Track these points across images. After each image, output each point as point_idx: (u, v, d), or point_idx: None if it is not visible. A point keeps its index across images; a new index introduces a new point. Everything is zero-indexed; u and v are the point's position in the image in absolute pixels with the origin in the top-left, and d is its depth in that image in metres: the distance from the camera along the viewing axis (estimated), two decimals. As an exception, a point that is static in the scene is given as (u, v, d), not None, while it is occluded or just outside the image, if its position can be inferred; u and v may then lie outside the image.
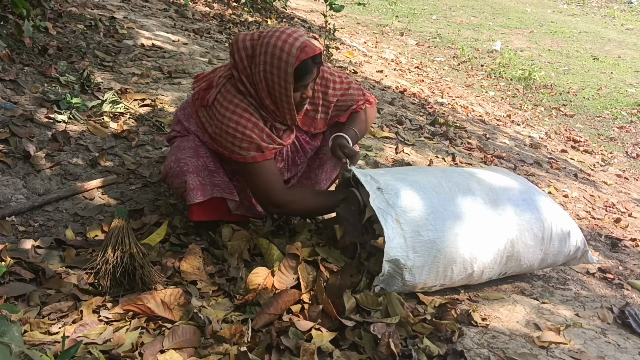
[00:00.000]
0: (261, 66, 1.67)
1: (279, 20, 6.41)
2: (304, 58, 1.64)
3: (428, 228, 1.68)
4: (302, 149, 2.02)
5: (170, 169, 1.86)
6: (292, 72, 1.64)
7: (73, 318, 1.48)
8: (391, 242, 1.64)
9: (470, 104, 5.68)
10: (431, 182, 1.80)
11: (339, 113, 1.98)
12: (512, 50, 9.11)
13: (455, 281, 1.78)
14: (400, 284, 1.69)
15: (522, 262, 1.86)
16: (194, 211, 1.85)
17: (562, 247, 1.91)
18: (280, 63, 1.64)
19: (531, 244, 1.84)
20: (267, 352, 1.39)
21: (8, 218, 1.89)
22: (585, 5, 13.68)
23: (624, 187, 4.04)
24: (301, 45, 1.64)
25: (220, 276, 1.75)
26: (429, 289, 1.76)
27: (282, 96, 1.70)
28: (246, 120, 1.73)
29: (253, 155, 1.75)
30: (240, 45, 1.72)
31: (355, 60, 5.82)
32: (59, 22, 3.54)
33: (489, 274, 1.83)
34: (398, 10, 11.36)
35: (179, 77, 3.38)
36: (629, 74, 8.34)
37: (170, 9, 5.05)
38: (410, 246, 1.66)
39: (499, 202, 1.83)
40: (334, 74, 1.93)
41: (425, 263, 1.68)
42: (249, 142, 1.73)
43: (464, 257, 1.73)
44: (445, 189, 1.79)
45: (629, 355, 1.62)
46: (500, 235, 1.78)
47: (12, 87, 2.59)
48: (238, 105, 1.74)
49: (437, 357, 1.44)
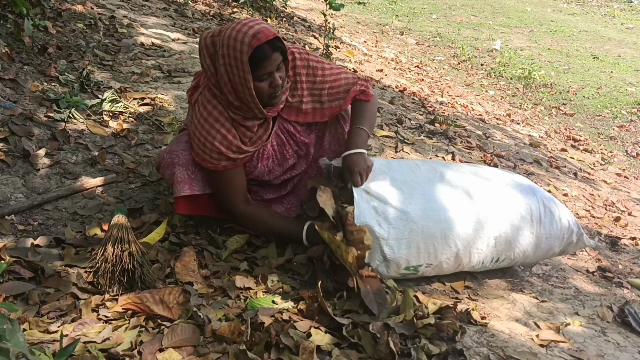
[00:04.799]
0: (221, 60, 1.67)
1: (279, 19, 6.41)
2: (257, 44, 1.60)
3: (400, 200, 1.72)
4: (289, 141, 1.94)
5: (162, 159, 1.89)
6: (247, 61, 1.62)
7: (72, 317, 1.48)
8: (360, 208, 1.68)
9: (470, 103, 5.68)
10: (408, 164, 1.89)
11: (339, 102, 1.89)
12: (512, 49, 9.11)
13: (442, 262, 1.76)
14: (380, 258, 1.69)
15: (514, 246, 1.85)
16: (180, 204, 1.86)
17: (554, 228, 1.89)
18: (235, 53, 1.62)
19: (519, 225, 1.83)
20: (267, 351, 1.39)
21: (7, 217, 1.88)
22: (585, 5, 13.67)
23: (624, 186, 4.04)
24: (254, 33, 1.61)
25: (216, 278, 1.75)
26: (416, 271, 1.75)
27: (243, 88, 1.67)
28: (216, 131, 1.73)
29: (224, 165, 1.77)
30: (203, 44, 1.71)
31: (355, 59, 5.81)
32: (58, 21, 3.53)
33: (479, 257, 1.81)
34: (398, 9, 11.35)
35: (179, 76, 3.38)
36: (629, 73, 8.34)
37: (170, 7, 5.05)
38: (382, 216, 1.69)
39: (479, 185, 1.87)
40: (321, 61, 1.87)
41: (401, 235, 1.69)
42: (218, 153, 1.74)
43: (445, 233, 1.73)
44: (422, 170, 1.86)
45: (628, 354, 1.62)
46: (483, 214, 1.79)
47: (11, 86, 2.59)
48: (210, 114, 1.74)
49: (436, 356, 1.44)
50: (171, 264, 1.74)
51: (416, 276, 1.81)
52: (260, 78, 1.67)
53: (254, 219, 1.89)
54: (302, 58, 1.84)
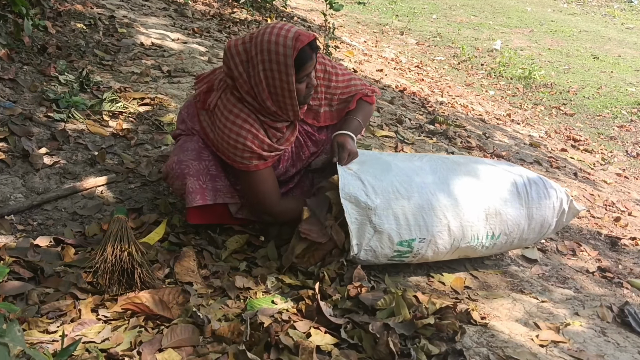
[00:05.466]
0: (260, 66, 1.66)
1: (279, 19, 6.41)
2: (301, 46, 1.63)
3: (385, 174, 1.78)
4: (306, 142, 2.00)
5: (171, 170, 1.85)
6: (292, 63, 1.64)
7: (71, 317, 1.48)
8: (344, 179, 1.73)
9: (470, 103, 5.68)
10: (386, 154, 1.99)
11: (346, 105, 1.98)
12: (512, 49, 9.11)
13: (435, 235, 1.77)
14: (371, 231, 1.71)
15: (506, 219, 1.87)
16: (192, 214, 1.85)
17: (542, 197, 1.93)
18: (278, 57, 1.63)
19: (507, 197, 1.88)
20: (266, 351, 1.39)
21: (7, 217, 1.88)
22: (586, 5, 13.67)
23: (624, 186, 4.04)
24: (295, 35, 1.64)
25: (215, 278, 1.75)
26: (410, 247, 1.76)
27: (284, 91, 1.69)
28: (246, 131, 1.73)
29: (256, 164, 1.77)
30: (234, 51, 1.71)
31: (355, 59, 5.81)
32: (58, 21, 3.53)
33: (473, 231, 1.82)
34: (398, 9, 11.35)
35: (179, 76, 3.38)
36: (629, 73, 8.34)
37: (169, 7, 5.05)
38: (369, 187, 1.73)
39: (464, 163, 1.96)
40: (335, 67, 1.94)
41: (389, 205, 1.72)
42: (250, 152, 1.74)
43: (431, 203, 1.76)
44: (406, 155, 1.98)
45: (628, 354, 1.62)
46: (470, 187, 1.84)
47: (11, 86, 2.59)
48: (238, 116, 1.74)
49: (436, 356, 1.44)
50: (171, 264, 1.74)
51: (414, 258, 1.81)
52: (301, 79, 1.70)
53: (291, 212, 1.89)
54: (320, 62, 1.88)
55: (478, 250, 1.89)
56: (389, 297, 1.62)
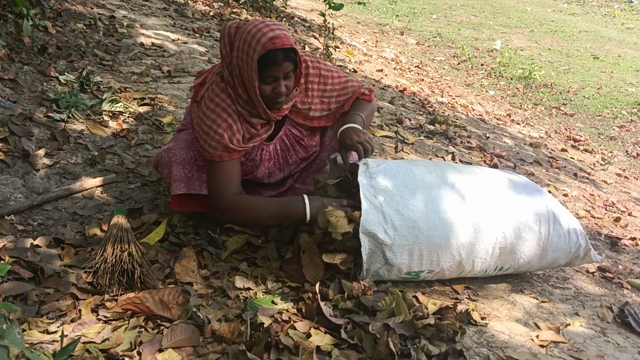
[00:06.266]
0: (235, 52, 1.71)
1: (279, 19, 6.41)
2: (271, 47, 1.63)
3: (410, 208, 1.70)
4: (294, 146, 1.99)
5: (160, 158, 1.91)
6: (256, 60, 1.65)
7: (71, 317, 1.48)
8: (367, 215, 1.67)
9: (470, 103, 5.68)
10: (419, 169, 1.84)
11: (342, 105, 1.98)
12: (512, 49, 9.11)
13: (444, 269, 1.76)
14: (382, 261, 1.70)
15: (519, 257, 1.84)
16: (176, 202, 1.87)
17: (562, 242, 1.87)
18: (249, 50, 1.66)
19: (527, 237, 1.82)
20: (266, 351, 1.38)
21: (7, 217, 1.88)
22: (586, 5, 13.67)
23: (624, 186, 4.04)
24: (273, 36, 1.63)
25: (215, 278, 1.75)
26: (417, 275, 1.76)
27: (249, 85, 1.71)
28: (222, 120, 1.75)
29: (219, 155, 1.77)
30: (226, 31, 1.75)
31: (355, 59, 5.81)
32: (58, 21, 3.53)
33: (482, 265, 1.81)
34: (398, 9, 11.35)
35: (179, 76, 3.38)
36: (629, 73, 8.34)
37: (170, 7, 5.05)
38: (390, 223, 1.68)
39: (491, 192, 1.84)
40: (331, 70, 1.94)
41: (406, 242, 1.69)
42: (219, 141, 1.74)
43: (450, 243, 1.72)
44: (433, 176, 1.82)
45: (628, 355, 1.62)
46: (490, 225, 1.77)
47: (11, 86, 2.59)
48: (218, 105, 1.76)
49: (436, 356, 1.44)
50: (171, 264, 1.74)
51: (417, 280, 1.82)
52: (265, 80, 1.71)
53: (243, 209, 1.80)
54: (315, 67, 1.89)
55: (480, 276, 1.90)
56: (389, 298, 1.61)
